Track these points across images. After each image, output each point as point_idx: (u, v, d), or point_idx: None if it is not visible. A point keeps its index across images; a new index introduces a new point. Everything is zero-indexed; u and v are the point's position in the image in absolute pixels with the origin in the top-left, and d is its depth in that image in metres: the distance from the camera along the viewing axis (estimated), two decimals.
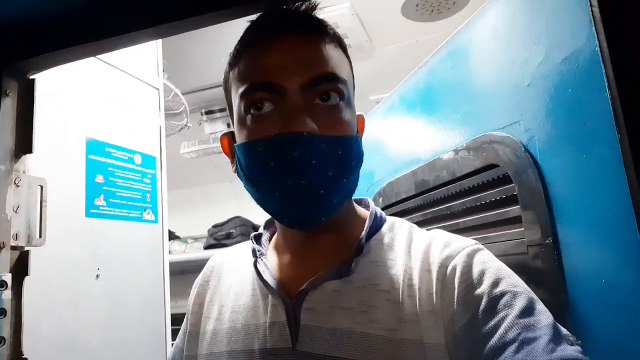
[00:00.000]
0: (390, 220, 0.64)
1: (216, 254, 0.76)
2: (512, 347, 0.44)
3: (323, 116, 0.54)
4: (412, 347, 0.50)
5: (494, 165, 0.75)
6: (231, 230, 3.51)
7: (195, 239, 3.82)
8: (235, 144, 0.59)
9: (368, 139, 0.68)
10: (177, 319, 1.24)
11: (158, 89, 1.41)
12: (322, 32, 0.57)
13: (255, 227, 3.51)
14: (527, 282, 0.66)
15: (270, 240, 0.70)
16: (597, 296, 0.58)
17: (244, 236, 3.40)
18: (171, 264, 1.40)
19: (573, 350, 0.44)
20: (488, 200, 0.78)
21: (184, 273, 3.48)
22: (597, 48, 0.55)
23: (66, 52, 0.79)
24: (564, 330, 0.46)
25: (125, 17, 0.74)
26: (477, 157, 0.78)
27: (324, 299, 0.56)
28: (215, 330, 0.64)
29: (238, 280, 0.66)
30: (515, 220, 0.72)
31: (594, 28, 0.56)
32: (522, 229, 0.69)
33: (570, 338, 0.46)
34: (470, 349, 0.48)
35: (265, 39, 0.56)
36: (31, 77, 0.89)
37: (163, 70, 1.55)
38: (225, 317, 0.63)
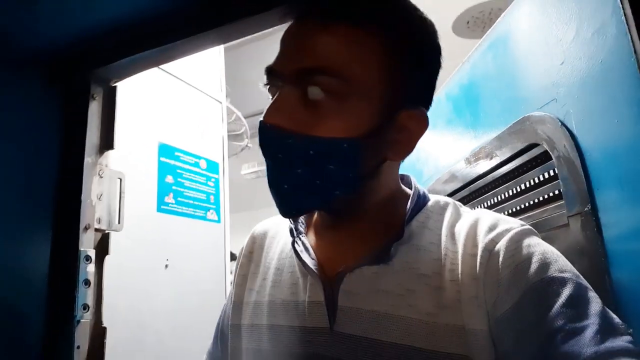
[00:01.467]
0: (434, 199, 0.63)
1: (260, 224, 0.76)
2: (558, 337, 0.42)
3: (307, 112, 0.51)
4: (453, 333, 0.49)
5: (534, 144, 0.77)
6: None
7: None
8: None
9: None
10: None
11: (221, 102, 1.55)
12: (348, 17, 0.52)
13: None
14: (569, 252, 0.68)
15: (309, 216, 0.69)
16: (635, 255, 0.59)
17: None
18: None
19: (622, 340, 0.41)
20: (530, 182, 0.80)
21: None
22: (623, 17, 0.59)
23: (139, 57, 0.90)
24: (614, 319, 0.44)
25: (189, 21, 0.83)
26: (518, 138, 0.80)
27: (362, 281, 0.55)
28: (257, 302, 0.65)
29: (279, 254, 0.67)
30: (557, 197, 0.74)
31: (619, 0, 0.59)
32: (562, 202, 0.71)
33: (621, 327, 0.43)
34: (514, 337, 0.46)
35: (294, 22, 0.55)
36: (113, 84, 1.03)
37: (226, 95, 1.69)
38: (266, 290, 0.64)
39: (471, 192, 1.00)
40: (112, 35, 0.87)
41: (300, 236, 0.64)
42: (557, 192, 0.74)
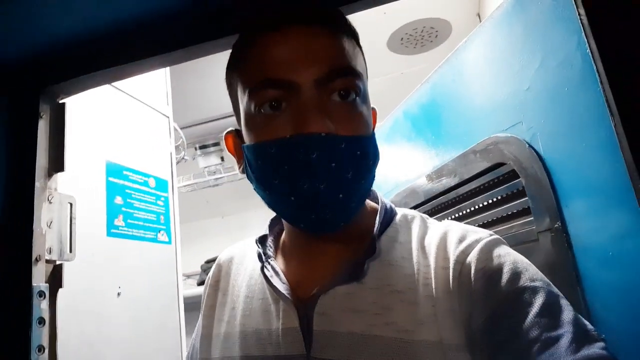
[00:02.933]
0: (401, 212, 0.62)
1: (225, 251, 0.73)
2: (534, 348, 0.42)
3: (339, 114, 0.51)
4: (431, 349, 0.48)
5: (500, 164, 0.82)
6: None
7: (188, 276, 3.78)
8: (245, 145, 0.56)
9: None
10: None
11: (168, 117, 1.48)
12: (335, 22, 0.54)
13: None
14: (539, 266, 0.72)
15: (276, 239, 0.67)
16: (605, 268, 0.64)
17: None
18: None
19: (597, 347, 0.42)
20: (497, 198, 0.85)
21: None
22: (588, 51, 0.64)
23: (92, 76, 0.85)
24: (586, 325, 0.45)
25: (142, 43, 0.80)
26: (484, 158, 0.85)
27: (336, 302, 0.53)
28: (227, 333, 0.62)
29: (247, 281, 0.65)
30: (524, 212, 0.79)
31: (583, 34, 0.65)
32: (531, 217, 0.76)
33: (594, 333, 0.44)
34: (490, 349, 0.46)
35: (274, 30, 0.52)
36: (61, 101, 0.95)
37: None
38: (237, 320, 0.62)
39: (433, 208, 1.04)
40: (67, 52, 0.81)
41: (269, 260, 0.62)
42: (523, 208, 0.79)
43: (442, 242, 0.55)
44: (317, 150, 0.49)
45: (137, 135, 1.33)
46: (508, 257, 0.50)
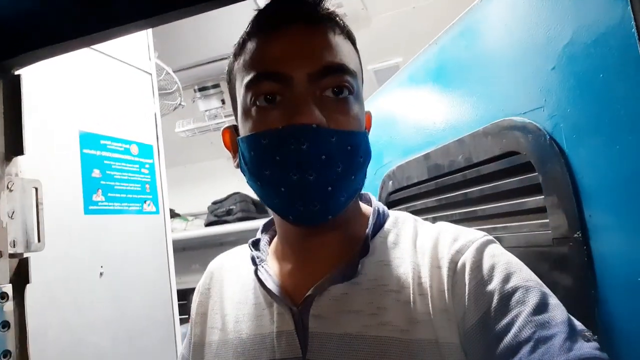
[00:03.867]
0: (393, 215, 0.63)
1: (215, 259, 0.74)
2: (527, 347, 0.43)
3: (331, 109, 0.52)
4: (427, 348, 0.49)
5: (514, 152, 0.71)
6: (231, 207, 3.47)
7: (196, 216, 3.79)
8: (239, 137, 0.57)
9: (375, 119, 0.66)
10: (179, 295, 1.28)
11: (151, 74, 1.35)
12: (332, 23, 0.56)
13: (255, 202, 3.48)
14: (554, 276, 0.64)
15: (269, 243, 0.69)
16: (630, 296, 0.55)
17: (245, 212, 3.37)
18: (173, 242, 1.38)
19: (590, 347, 0.43)
20: (508, 189, 0.74)
21: (185, 250, 3.50)
22: (634, 30, 0.51)
23: (54, 47, 0.74)
24: (579, 326, 0.46)
25: (115, 9, 0.69)
26: (496, 143, 0.74)
27: (331, 303, 0.54)
28: (220, 341, 0.62)
29: (240, 287, 0.65)
30: (538, 211, 0.69)
31: (629, 8, 0.51)
32: (546, 220, 0.66)
33: (587, 334, 0.45)
34: (484, 348, 0.47)
35: (273, 28, 0.54)
36: (16, 72, 0.83)
37: (154, 49, 1.48)
38: (230, 327, 0.62)
39: (437, 186, 0.94)
40: (22, 23, 0.70)
41: (263, 264, 0.62)
42: (538, 207, 0.69)
43: (435, 242, 0.55)
44: (308, 141, 0.50)
45: (115, 99, 1.21)
46: (502, 257, 0.51)
